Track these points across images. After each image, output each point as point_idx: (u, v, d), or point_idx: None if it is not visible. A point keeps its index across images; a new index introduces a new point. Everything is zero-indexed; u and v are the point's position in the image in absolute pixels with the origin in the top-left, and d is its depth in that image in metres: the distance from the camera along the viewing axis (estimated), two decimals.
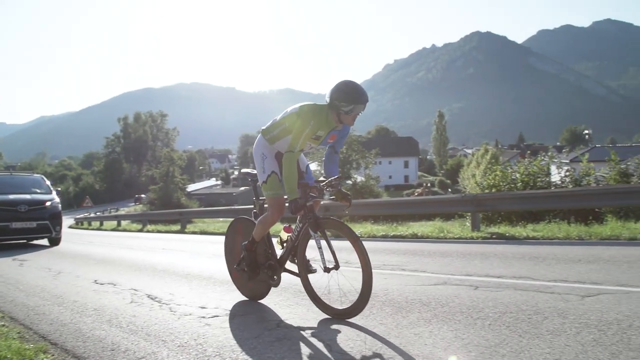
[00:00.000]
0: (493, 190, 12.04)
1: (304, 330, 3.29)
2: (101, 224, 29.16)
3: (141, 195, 69.27)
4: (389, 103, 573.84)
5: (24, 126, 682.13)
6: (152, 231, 19.16)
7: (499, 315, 3.32)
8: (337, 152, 3.83)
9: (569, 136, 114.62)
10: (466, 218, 11.18)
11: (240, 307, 4.04)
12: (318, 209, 3.85)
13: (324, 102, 3.54)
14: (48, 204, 11.56)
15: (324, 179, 3.66)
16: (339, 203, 3.76)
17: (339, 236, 3.50)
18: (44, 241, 12.16)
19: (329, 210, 10.78)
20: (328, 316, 3.55)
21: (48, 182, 13.09)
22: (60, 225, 11.83)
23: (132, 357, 2.96)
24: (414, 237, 9.37)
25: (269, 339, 3.13)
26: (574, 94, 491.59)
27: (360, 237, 3.45)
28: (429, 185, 59.87)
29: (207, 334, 3.32)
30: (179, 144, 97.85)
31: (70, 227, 30.50)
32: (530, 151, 19.45)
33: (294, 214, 3.54)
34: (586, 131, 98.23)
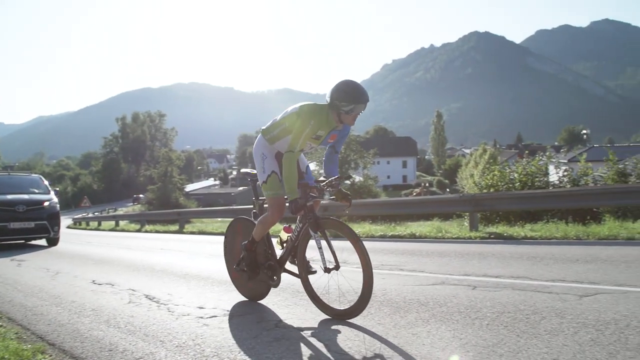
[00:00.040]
0: (491, 190, 12.04)
1: (302, 331, 3.29)
2: (99, 224, 29.12)
3: (139, 195, 69.24)
4: (387, 103, 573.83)
5: (22, 126, 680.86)
6: (151, 231, 19.15)
7: (496, 315, 3.32)
8: (338, 152, 3.82)
9: (567, 136, 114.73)
10: (464, 218, 11.20)
11: (239, 307, 4.03)
12: (318, 209, 3.85)
13: (324, 102, 3.53)
14: (46, 204, 11.53)
15: (324, 179, 3.66)
16: (339, 203, 3.75)
17: (337, 236, 3.50)
18: (42, 241, 12.14)
19: (327, 210, 10.78)
20: (326, 316, 3.55)
21: (46, 182, 13.05)
22: (58, 225, 11.80)
23: (130, 357, 2.96)
24: (412, 237, 9.38)
25: (267, 339, 3.13)
26: (572, 94, 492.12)
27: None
28: (427, 185, 59.87)
29: (205, 334, 3.32)
30: (177, 144, 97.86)
31: (69, 227, 30.48)
32: (528, 151, 19.48)
33: (294, 214, 3.53)
34: (584, 131, 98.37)
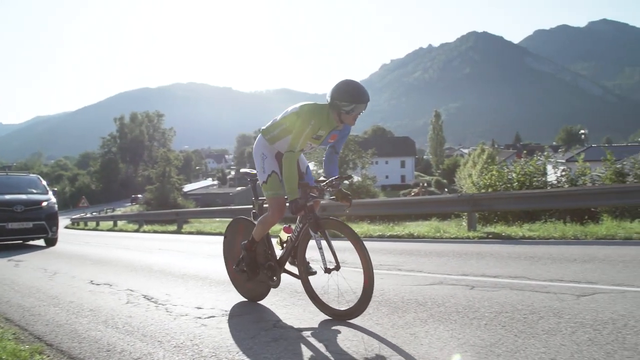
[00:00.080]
0: (489, 190, 12.05)
1: (300, 331, 3.29)
2: (97, 224, 29.09)
3: (137, 195, 69.16)
4: (386, 103, 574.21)
5: (19, 126, 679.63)
6: (149, 231, 19.14)
7: (494, 315, 3.33)
8: (338, 152, 3.81)
9: (565, 136, 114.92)
10: (462, 218, 11.20)
11: (237, 308, 4.03)
12: (318, 209, 3.84)
13: (324, 102, 3.52)
14: (44, 204, 11.51)
15: (324, 179, 3.65)
16: (339, 203, 3.74)
17: (335, 236, 3.49)
18: (40, 242, 12.12)
19: (325, 210, 10.77)
20: (325, 316, 3.54)
21: (44, 182, 13.03)
22: (56, 225, 11.79)
23: (128, 357, 2.95)
24: (411, 237, 9.38)
25: (265, 339, 3.13)
26: (570, 93, 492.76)
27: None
28: (425, 185, 59.86)
29: (204, 334, 3.31)
30: (175, 144, 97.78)
31: (67, 227, 30.42)
32: (526, 151, 19.54)
33: (295, 214, 3.52)
34: (582, 131, 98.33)
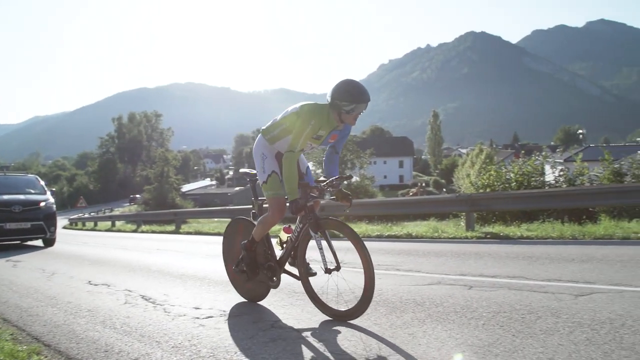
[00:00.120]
0: (487, 190, 12.06)
1: (298, 331, 3.29)
2: (95, 224, 29.06)
3: (136, 195, 69.10)
4: (384, 103, 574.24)
5: (17, 126, 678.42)
6: (147, 232, 19.11)
7: (492, 315, 3.33)
8: (338, 152, 3.80)
9: (563, 136, 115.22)
10: (460, 218, 11.21)
11: (235, 308, 4.03)
12: (318, 209, 3.82)
13: (324, 102, 3.51)
14: (42, 204, 11.49)
15: (325, 179, 3.64)
16: (339, 203, 3.72)
17: (334, 236, 3.49)
18: (39, 242, 12.10)
19: (323, 210, 10.76)
20: (323, 316, 3.54)
21: (42, 183, 13.01)
22: (54, 225, 11.77)
23: (126, 358, 2.95)
24: (409, 237, 9.38)
25: (263, 339, 3.13)
26: (568, 93, 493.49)
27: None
28: (423, 185, 59.95)
29: (202, 334, 3.31)
30: (173, 144, 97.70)
31: (65, 227, 30.38)
32: (524, 151, 19.58)
33: (295, 214, 3.51)
34: (580, 131, 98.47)
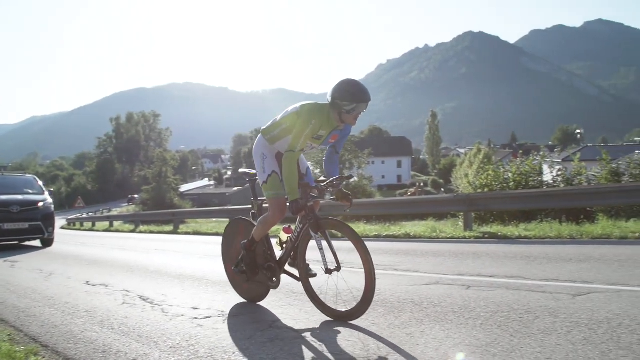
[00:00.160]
0: (485, 190, 12.07)
1: (297, 331, 3.28)
2: (93, 224, 29.02)
3: (134, 195, 69.03)
4: (382, 103, 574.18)
5: (15, 126, 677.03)
6: (145, 232, 19.08)
7: (490, 315, 3.33)
8: (338, 152, 3.79)
9: (561, 136, 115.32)
10: (459, 218, 11.21)
11: (233, 308, 4.02)
12: (318, 210, 3.81)
13: (324, 102, 3.51)
14: (40, 204, 11.47)
15: (325, 179, 3.63)
16: (339, 203, 3.72)
17: (335, 236, 3.48)
18: (37, 242, 12.08)
19: (322, 210, 10.73)
20: (322, 317, 3.54)
21: (40, 183, 12.99)
22: (52, 226, 11.75)
23: (124, 358, 2.95)
24: (407, 237, 9.39)
25: (261, 339, 3.12)
26: (566, 93, 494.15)
27: None
28: (422, 185, 60.00)
29: (200, 335, 3.31)
30: (171, 144, 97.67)
31: (63, 228, 30.33)
32: (522, 151, 19.56)
33: (295, 214, 3.49)
34: (578, 131, 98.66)
